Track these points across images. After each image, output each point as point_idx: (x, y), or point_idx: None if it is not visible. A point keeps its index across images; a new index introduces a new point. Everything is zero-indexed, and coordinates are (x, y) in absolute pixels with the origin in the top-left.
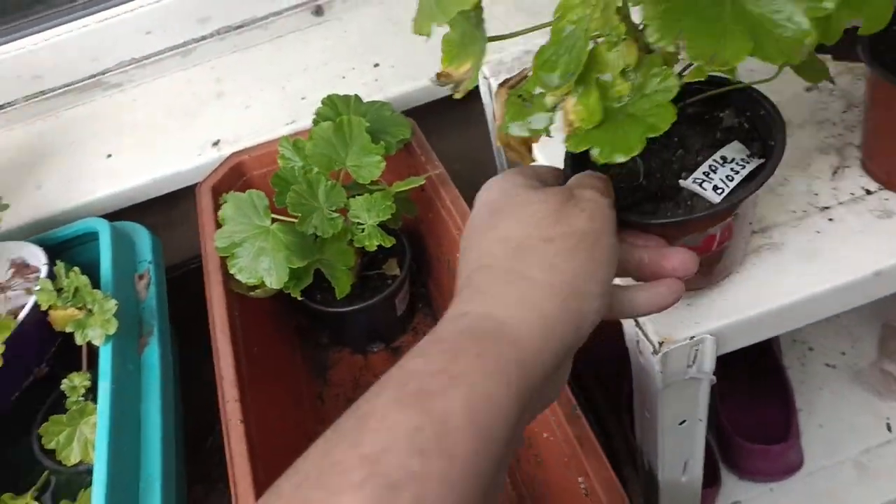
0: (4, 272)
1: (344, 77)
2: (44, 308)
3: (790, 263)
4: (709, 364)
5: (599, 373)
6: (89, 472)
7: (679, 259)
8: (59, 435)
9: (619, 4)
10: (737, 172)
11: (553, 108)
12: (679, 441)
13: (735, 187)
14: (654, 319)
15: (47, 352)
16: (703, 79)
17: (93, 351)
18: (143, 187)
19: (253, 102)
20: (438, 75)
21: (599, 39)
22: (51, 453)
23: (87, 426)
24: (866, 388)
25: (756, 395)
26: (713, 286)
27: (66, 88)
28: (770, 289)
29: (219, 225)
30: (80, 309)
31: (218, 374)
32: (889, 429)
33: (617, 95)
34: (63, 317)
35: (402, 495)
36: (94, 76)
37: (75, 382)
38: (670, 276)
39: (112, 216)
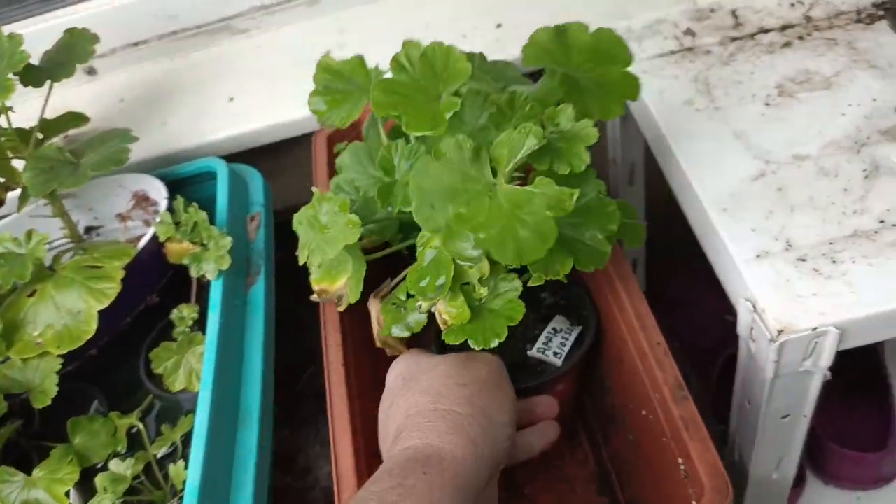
0: (126, 202)
1: (465, 36)
2: (161, 240)
3: None
4: (827, 358)
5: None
6: (190, 399)
7: (546, 405)
8: (168, 361)
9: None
10: (567, 339)
11: (427, 311)
12: (778, 436)
13: (569, 351)
14: (776, 307)
15: (160, 282)
16: (541, 283)
17: (201, 285)
18: (261, 132)
19: (373, 55)
20: (317, 292)
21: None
22: (156, 378)
23: (194, 356)
24: None
25: (854, 400)
26: None
27: (197, 31)
28: None
29: (334, 173)
30: (195, 243)
31: (322, 318)
32: None
33: (478, 297)
34: (179, 250)
35: None
36: (224, 20)
37: (184, 313)
38: (542, 419)
39: (228, 158)
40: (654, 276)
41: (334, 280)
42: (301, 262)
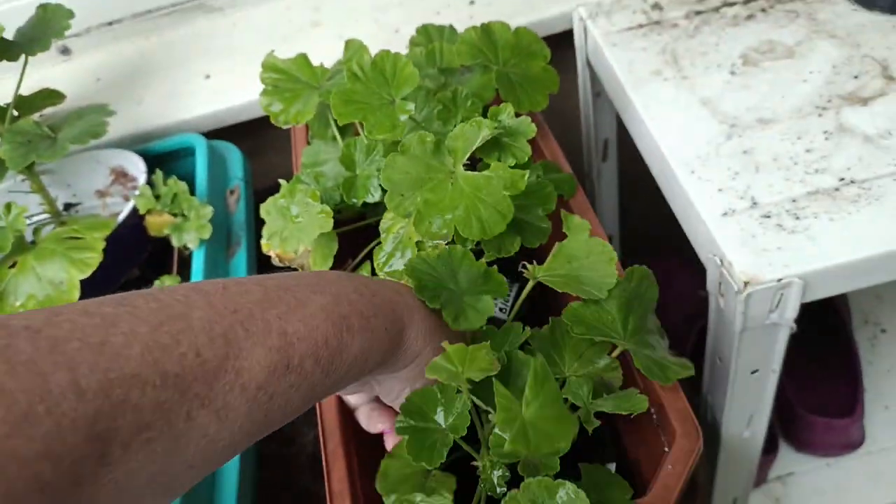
0: (105, 179)
1: (438, 13)
2: (142, 213)
3: (887, 215)
4: (792, 310)
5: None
6: None
7: None
8: None
9: None
10: (509, 295)
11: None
12: (749, 391)
13: (511, 304)
14: (742, 260)
15: (140, 256)
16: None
17: (182, 258)
18: (237, 109)
19: (347, 32)
20: (278, 258)
21: None
22: None
23: None
24: None
25: (823, 368)
26: None
27: (172, 9)
28: (863, 238)
29: None
30: (175, 216)
31: None
32: None
33: None
34: (159, 222)
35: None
36: None
37: (166, 283)
38: None
39: (207, 135)
40: (629, 252)
41: (302, 242)
42: (266, 251)
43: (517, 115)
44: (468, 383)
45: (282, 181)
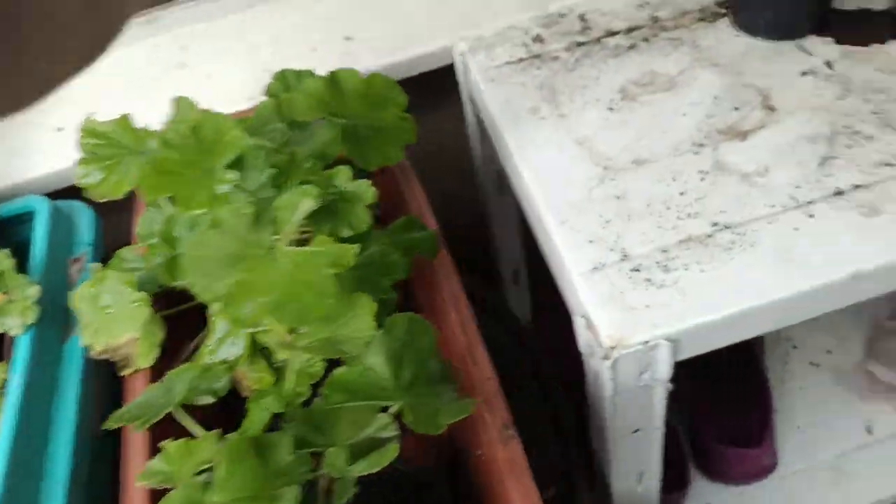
0: None
1: (315, 50)
2: None
3: (761, 264)
4: (664, 371)
5: (566, 377)
6: None
7: None
8: None
9: None
10: None
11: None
12: (633, 450)
13: None
14: (608, 322)
15: None
16: None
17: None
18: None
19: (215, 74)
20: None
21: None
22: None
23: None
24: (849, 389)
25: (732, 395)
26: None
27: None
28: (736, 291)
29: None
30: (5, 294)
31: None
32: (869, 431)
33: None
34: None
35: None
36: None
37: None
38: None
39: (61, 193)
40: (539, 288)
41: (114, 335)
42: (84, 344)
43: (366, 173)
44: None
45: (93, 265)
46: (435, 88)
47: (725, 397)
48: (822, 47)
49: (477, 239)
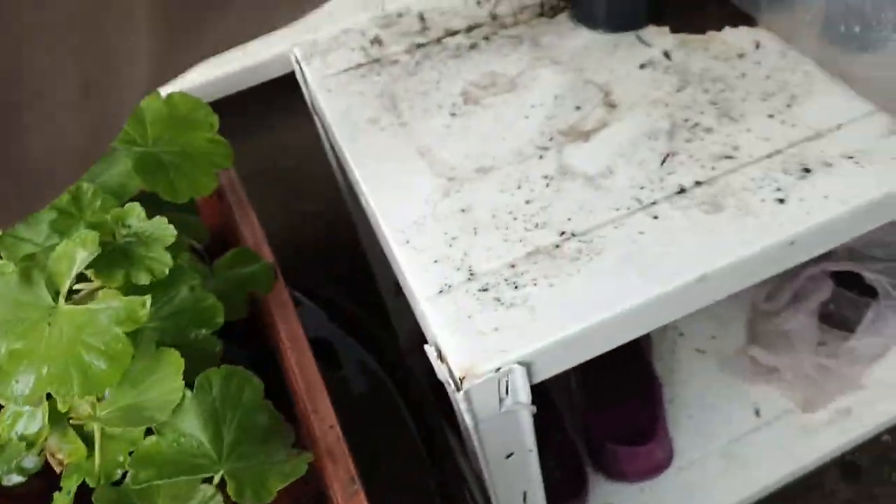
0: None
1: None
2: None
3: (609, 272)
4: (523, 395)
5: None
6: None
7: None
8: None
9: None
10: None
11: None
12: (510, 474)
13: None
14: (457, 350)
15: None
16: None
17: None
18: None
19: None
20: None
21: None
22: None
23: None
24: (735, 373)
25: (622, 392)
26: None
27: None
28: (585, 304)
29: None
30: None
31: None
32: (757, 414)
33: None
34: None
35: None
36: None
37: None
38: None
39: None
40: None
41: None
42: None
43: (176, 207)
44: None
45: None
46: (286, 98)
47: (615, 395)
48: (659, 38)
49: (354, 254)
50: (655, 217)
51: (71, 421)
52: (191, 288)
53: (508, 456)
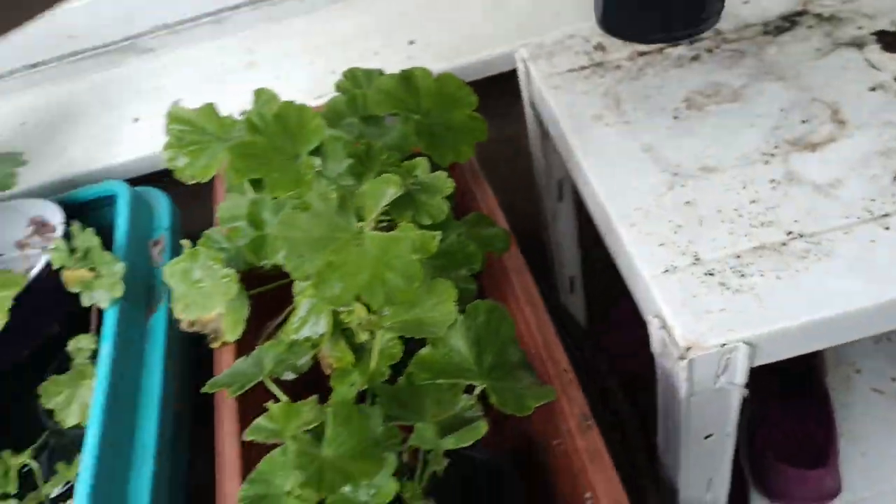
0: (24, 229)
1: (377, 53)
2: (56, 267)
3: (838, 273)
4: (741, 375)
5: (629, 382)
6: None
7: None
8: (58, 396)
9: None
10: None
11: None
12: (704, 457)
13: None
14: (683, 322)
15: (58, 313)
16: None
17: (103, 314)
18: None
19: (283, 74)
20: (188, 323)
21: None
22: (53, 414)
23: (86, 389)
24: None
25: (796, 415)
26: None
27: (99, 50)
28: (814, 299)
29: None
30: (91, 270)
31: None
32: None
33: (358, 342)
34: (73, 277)
35: None
36: (127, 39)
37: (81, 344)
38: None
39: (136, 181)
40: (596, 295)
41: (205, 309)
42: (177, 316)
43: (440, 168)
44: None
45: (184, 242)
46: (494, 94)
47: (789, 416)
48: (890, 63)
49: (532, 246)
50: (887, 228)
51: (361, 325)
52: (458, 235)
53: (708, 437)
